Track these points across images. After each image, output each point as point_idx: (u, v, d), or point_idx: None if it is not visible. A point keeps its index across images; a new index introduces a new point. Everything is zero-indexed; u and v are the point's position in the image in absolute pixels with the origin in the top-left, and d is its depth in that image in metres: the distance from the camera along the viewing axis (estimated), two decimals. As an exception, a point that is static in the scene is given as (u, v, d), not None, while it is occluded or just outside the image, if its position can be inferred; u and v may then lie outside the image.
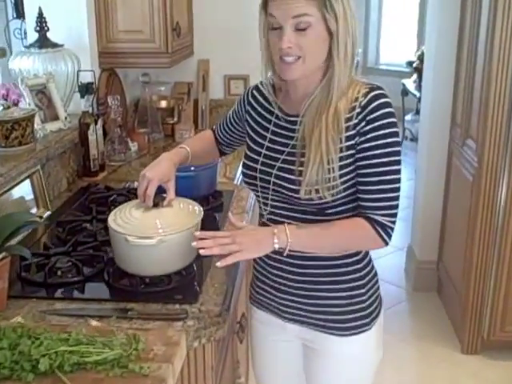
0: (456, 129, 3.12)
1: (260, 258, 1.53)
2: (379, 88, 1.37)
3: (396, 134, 1.36)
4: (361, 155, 1.36)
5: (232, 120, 1.67)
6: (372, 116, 1.34)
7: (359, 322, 1.50)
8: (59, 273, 1.58)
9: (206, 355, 1.41)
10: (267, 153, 1.47)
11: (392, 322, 3.24)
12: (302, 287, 1.49)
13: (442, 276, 3.40)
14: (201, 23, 3.08)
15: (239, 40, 3.07)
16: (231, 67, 3.16)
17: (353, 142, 1.35)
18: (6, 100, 1.32)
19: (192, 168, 2.02)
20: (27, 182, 1.97)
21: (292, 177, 1.40)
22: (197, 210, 1.60)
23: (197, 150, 1.68)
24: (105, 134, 2.57)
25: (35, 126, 2.19)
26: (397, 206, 1.39)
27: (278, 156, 1.44)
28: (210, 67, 3.17)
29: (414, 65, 5.90)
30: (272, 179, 1.44)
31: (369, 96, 1.35)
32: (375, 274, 1.55)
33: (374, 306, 1.54)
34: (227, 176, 2.44)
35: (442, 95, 3.24)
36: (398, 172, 1.37)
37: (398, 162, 1.36)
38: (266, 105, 1.52)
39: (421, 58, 5.35)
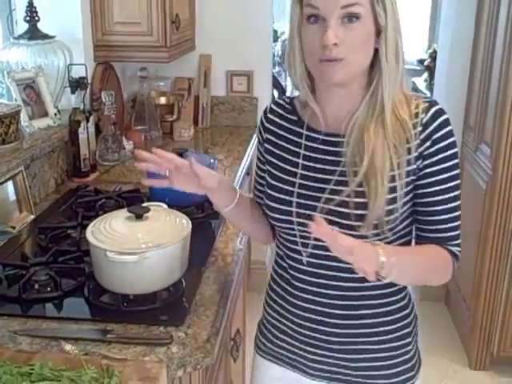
0: (469, 132, 2.96)
1: (283, 297, 1.31)
2: (437, 102, 1.18)
3: (457, 155, 1.20)
4: (425, 181, 1.17)
5: (261, 166, 1.36)
6: (438, 135, 1.15)
7: (406, 376, 1.30)
8: (36, 286, 1.45)
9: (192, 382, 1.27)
10: (304, 182, 1.21)
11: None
12: (339, 341, 1.25)
13: (450, 287, 3.25)
14: (203, 16, 2.94)
15: (243, 35, 2.93)
16: (234, 63, 3.03)
17: (414, 166, 1.16)
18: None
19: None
20: (9, 184, 1.84)
21: (346, 210, 1.15)
22: (184, 223, 1.46)
23: (246, 199, 1.35)
24: (98, 131, 2.43)
25: (21, 122, 2.06)
26: (460, 227, 1.24)
27: (323, 186, 1.19)
28: (211, 62, 3.03)
29: (425, 63, 5.73)
30: (319, 205, 1.19)
31: (431, 112, 1.15)
32: (417, 319, 1.35)
33: (417, 354, 1.34)
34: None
35: (454, 97, 3.08)
36: (459, 193, 1.21)
37: (459, 182, 1.20)
38: (290, 126, 1.27)
39: (432, 56, 5.19)
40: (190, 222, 1.47)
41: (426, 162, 1.16)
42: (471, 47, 2.96)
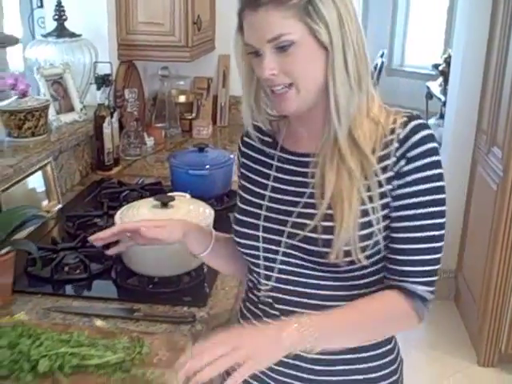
0: (481, 135, 3.02)
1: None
2: (419, 117, 1.06)
3: (442, 177, 1.05)
4: (398, 203, 1.04)
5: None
6: (414, 153, 1.03)
7: None
8: (66, 269, 1.54)
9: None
10: (272, 205, 1.13)
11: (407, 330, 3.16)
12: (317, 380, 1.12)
13: (460, 285, 3.31)
14: (223, 17, 3.02)
15: (261, 36, 3.01)
16: (252, 64, 3.10)
17: (390, 186, 1.04)
18: (13, 90, 1.27)
19: (207, 166, 1.97)
20: (39, 174, 1.93)
21: (314, 235, 1.05)
22: (207, 212, 1.54)
23: (225, 240, 1.27)
24: (121, 127, 2.52)
25: (49, 116, 2.15)
26: (439, 263, 1.06)
27: (291, 209, 1.10)
28: (230, 63, 3.11)
29: (440, 68, 5.78)
30: (283, 239, 1.09)
31: (408, 127, 1.04)
32: (402, 364, 1.22)
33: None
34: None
35: (468, 100, 3.14)
36: (442, 227, 1.05)
37: (443, 214, 1.05)
38: (264, 148, 1.19)
39: (447, 61, 5.23)
40: (213, 212, 1.55)
41: (401, 182, 1.04)
42: (485, 52, 3.03)
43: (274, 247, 1.11)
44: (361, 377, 1.12)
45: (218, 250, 1.25)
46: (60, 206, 1.97)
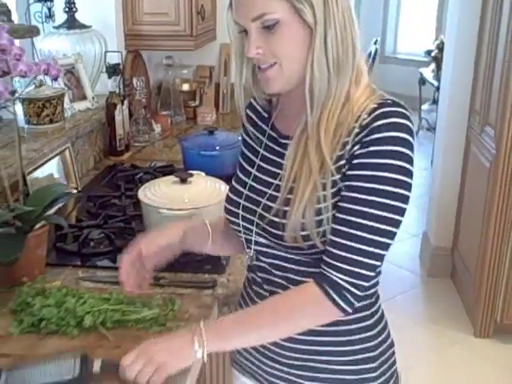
0: (475, 116, 3.15)
1: (246, 304, 1.23)
2: (394, 105, 1.01)
3: (400, 170, 0.99)
4: (342, 185, 1.02)
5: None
6: (368, 138, 0.99)
7: None
8: (92, 244, 1.65)
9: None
10: (254, 185, 1.15)
11: (406, 307, 3.31)
12: (295, 357, 1.13)
13: (456, 262, 3.44)
14: (224, 7, 3.11)
15: (261, 25, 3.12)
16: (253, 52, 3.20)
17: (343, 170, 1.02)
18: (46, 75, 1.38)
19: (217, 147, 2.09)
20: (57, 159, 2.04)
21: (276, 219, 1.06)
22: (222, 188, 1.66)
23: (219, 222, 1.30)
24: (130, 114, 2.63)
25: (64, 105, 2.25)
26: (369, 267, 1.00)
27: (265, 190, 1.11)
28: (231, 51, 3.21)
29: (433, 54, 5.90)
30: (255, 219, 1.11)
31: (374, 114, 1.00)
32: (391, 345, 1.19)
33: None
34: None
35: (461, 83, 3.26)
36: (383, 220, 0.99)
37: (390, 208, 0.99)
38: (260, 123, 1.20)
39: (439, 47, 5.35)
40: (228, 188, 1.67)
41: (348, 165, 1.01)
42: (476, 36, 3.14)
43: (250, 226, 1.13)
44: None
45: (218, 236, 1.28)
46: (79, 189, 2.08)
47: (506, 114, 2.64)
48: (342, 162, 1.01)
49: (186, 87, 3.14)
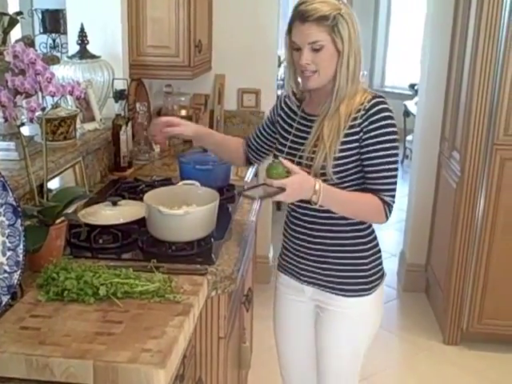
0: (444, 142, 3.48)
1: (289, 227, 1.93)
2: (381, 96, 1.75)
3: (393, 132, 1.72)
4: (366, 149, 1.71)
5: (265, 125, 2.03)
6: (374, 118, 1.69)
7: (360, 287, 1.85)
8: (101, 241, 1.93)
9: (220, 305, 1.75)
10: (291, 145, 1.84)
11: (383, 317, 3.57)
12: (316, 254, 1.85)
13: (429, 278, 3.73)
14: (219, 41, 3.46)
15: (253, 58, 3.46)
16: (245, 82, 3.55)
17: (357, 136, 1.71)
18: (71, 95, 1.68)
19: (210, 163, 2.38)
20: (70, 171, 2.33)
21: (306, 162, 1.77)
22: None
23: (219, 137, 2.12)
24: (132, 135, 2.93)
25: (76, 125, 2.55)
26: (395, 184, 1.75)
27: (300, 147, 1.81)
28: (225, 81, 3.54)
29: (416, 87, 6.25)
30: (296, 160, 1.81)
31: (372, 101, 1.71)
32: (378, 252, 1.90)
33: (375, 277, 1.88)
34: (239, 175, 2.78)
35: (433, 114, 3.61)
36: (395, 159, 1.73)
37: (396, 152, 1.73)
38: (294, 108, 1.90)
39: (420, 81, 5.68)
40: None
41: (366, 136, 1.71)
42: (446, 73, 3.49)
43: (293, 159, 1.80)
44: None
45: (215, 143, 2.10)
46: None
47: (469, 139, 2.97)
48: (353, 130, 1.71)
49: (183, 113, 3.44)
